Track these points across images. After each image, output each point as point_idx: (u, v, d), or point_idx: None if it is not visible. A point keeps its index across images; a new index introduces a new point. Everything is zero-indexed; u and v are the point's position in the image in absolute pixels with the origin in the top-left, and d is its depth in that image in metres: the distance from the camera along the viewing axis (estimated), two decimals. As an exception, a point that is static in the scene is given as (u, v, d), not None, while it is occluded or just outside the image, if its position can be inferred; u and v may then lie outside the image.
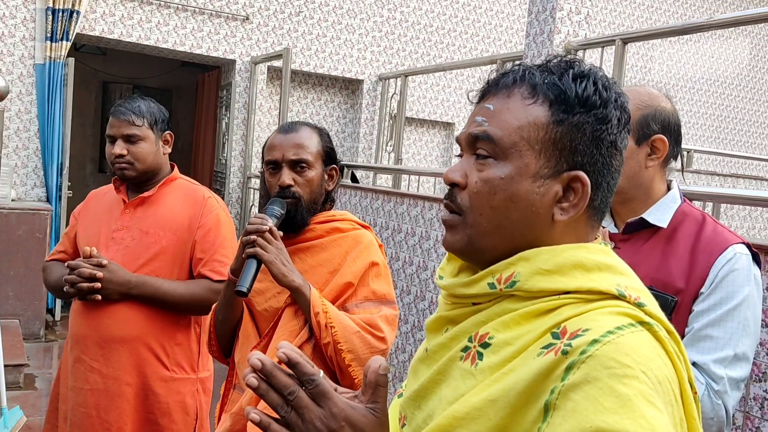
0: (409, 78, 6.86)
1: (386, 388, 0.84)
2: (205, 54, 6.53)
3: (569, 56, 0.89)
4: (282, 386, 0.75)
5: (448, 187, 0.90)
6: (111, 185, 2.30)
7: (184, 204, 2.24)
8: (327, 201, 1.83)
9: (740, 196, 2.56)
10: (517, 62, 0.92)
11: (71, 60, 5.83)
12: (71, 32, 5.85)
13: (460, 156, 0.91)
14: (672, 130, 1.50)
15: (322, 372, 0.82)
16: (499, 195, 0.83)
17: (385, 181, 6.99)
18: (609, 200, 0.88)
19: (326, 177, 1.81)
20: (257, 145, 6.76)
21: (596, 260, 0.82)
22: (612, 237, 1.47)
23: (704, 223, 1.42)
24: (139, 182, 2.24)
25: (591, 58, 4.40)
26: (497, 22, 8.01)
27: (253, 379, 0.75)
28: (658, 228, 1.43)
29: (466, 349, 0.84)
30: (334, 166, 1.82)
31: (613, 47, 4.27)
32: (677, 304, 1.36)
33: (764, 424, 1.93)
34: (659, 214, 1.44)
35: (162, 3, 6.30)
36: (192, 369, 2.22)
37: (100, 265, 2.05)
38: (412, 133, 7.76)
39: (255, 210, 6.41)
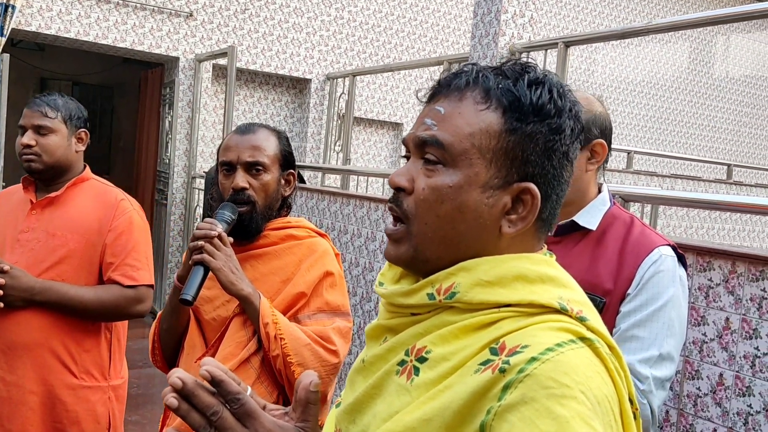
0: (358, 78, 6.84)
1: (317, 405, 0.81)
2: (147, 51, 6.37)
3: (524, 59, 0.86)
4: (204, 406, 0.72)
5: (393, 190, 0.86)
6: (20, 185, 2.20)
7: (95, 205, 2.15)
8: (283, 207, 1.78)
9: (676, 198, 2.64)
10: (471, 62, 0.89)
11: (6, 56, 5.60)
12: (6, 27, 5.61)
13: (406, 158, 0.87)
14: (608, 134, 1.53)
15: (249, 389, 0.79)
16: (447, 204, 0.80)
17: (333, 181, 6.95)
18: (557, 212, 0.86)
19: (283, 182, 1.75)
20: (202, 145, 6.63)
21: (539, 272, 0.79)
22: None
23: (632, 225, 1.44)
24: (46, 178, 2.14)
25: (535, 60, 4.46)
26: (445, 23, 8.06)
27: (172, 399, 0.71)
28: (589, 230, 1.45)
29: (402, 363, 0.80)
30: (292, 171, 1.77)
31: (556, 50, 4.33)
32: (605, 305, 1.38)
33: (698, 421, 1.98)
34: (589, 217, 1.46)
35: (102, -2, 6.12)
36: (103, 376, 2.14)
37: (1, 271, 1.96)
38: (360, 133, 7.74)
39: (200, 211, 6.28)
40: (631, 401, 0.78)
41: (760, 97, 11.61)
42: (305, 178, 6.93)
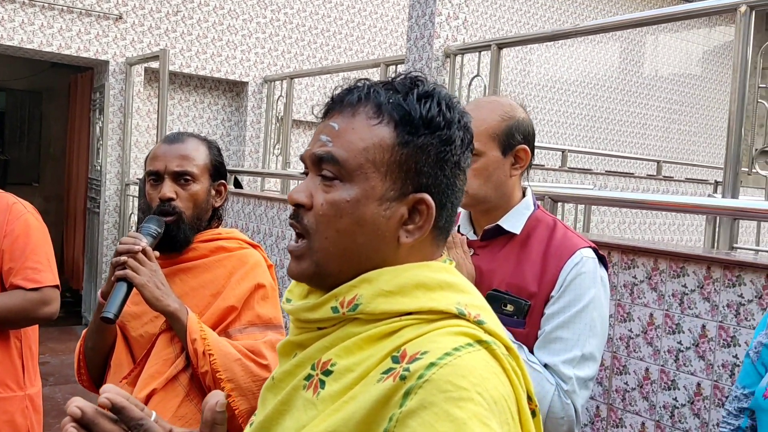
0: (296, 80, 6.78)
1: (224, 426, 0.81)
2: (75, 55, 6.16)
3: (414, 73, 0.88)
4: None
5: (293, 207, 0.87)
6: None
7: None
8: (214, 218, 1.74)
9: (603, 197, 2.71)
10: (362, 78, 0.90)
11: None
12: None
13: (306, 174, 0.89)
14: (531, 139, 1.55)
15: (154, 414, 0.78)
16: (346, 218, 0.82)
17: (273, 185, 6.87)
18: (453, 219, 0.88)
19: (213, 192, 1.71)
20: (135, 151, 6.46)
21: (438, 279, 0.82)
22: (471, 244, 1.49)
23: (555, 228, 1.47)
24: None
25: (471, 62, 4.51)
26: (382, 25, 8.08)
27: (72, 429, 0.70)
28: (514, 234, 1.47)
29: (309, 377, 0.82)
30: (223, 181, 1.74)
31: (490, 52, 4.38)
32: (530, 307, 1.40)
33: (626, 415, 2.03)
34: (513, 221, 1.48)
35: (25, 1, 5.88)
36: (18, 386, 2.07)
37: None
38: (300, 136, 7.69)
39: (134, 219, 6.12)
40: (530, 398, 0.81)
41: (688, 94, 12.07)
42: (244, 184, 6.83)
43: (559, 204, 2.79)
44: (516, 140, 1.50)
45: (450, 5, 4.68)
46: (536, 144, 1.56)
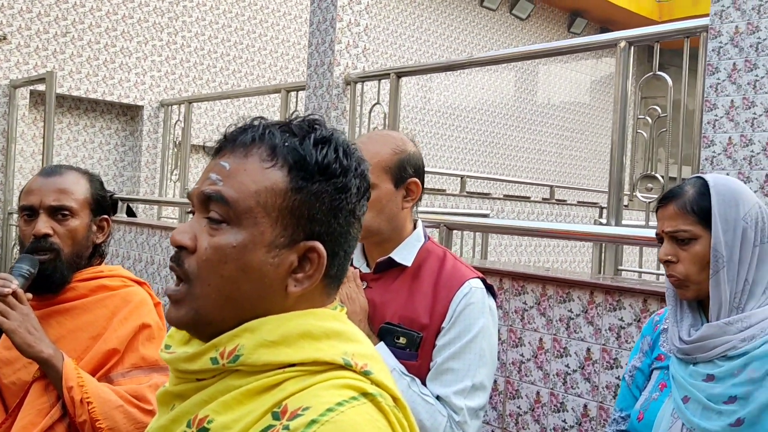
0: (194, 104, 6.63)
1: None
2: (-48, 75, 5.77)
3: (312, 116, 0.85)
4: None
5: (175, 249, 0.82)
6: None
7: None
8: (95, 255, 1.64)
9: (495, 225, 2.79)
10: (258, 117, 0.87)
11: None
12: None
13: (192, 213, 0.84)
14: (421, 172, 1.57)
15: None
16: (231, 264, 0.78)
17: (172, 212, 6.65)
18: (346, 267, 0.86)
19: (94, 228, 1.61)
20: (19, 177, 6.09)
21: (325, 328, 0.79)
22: (364, 277, 1.49)
23: (445, 259, 1.49)
24: None
25: (372, 89, 4.56)
26: (283, 50, 8.06)
27: None
28: (405, 266, 1.48)
29: None
30: (106, 216, 1.64)
31: (389, 80, 4.45)
32: (423, 339, 1.41)
33: (523, 385, 2.07)
34: (405, 253, 1.48)
35: None
36: None
37: None
38: (199, 162, 7.50)
39: (17, 250, 5.74)
40: None
41: (579, 121, 12.74)
42: (139, 212, 6.57)
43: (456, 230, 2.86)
44: (408, 173, 1.52)
45: (350, 33, 4.73)
46: (437, 170, 1.59)
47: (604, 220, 3.26)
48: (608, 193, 3.29)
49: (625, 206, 3.45)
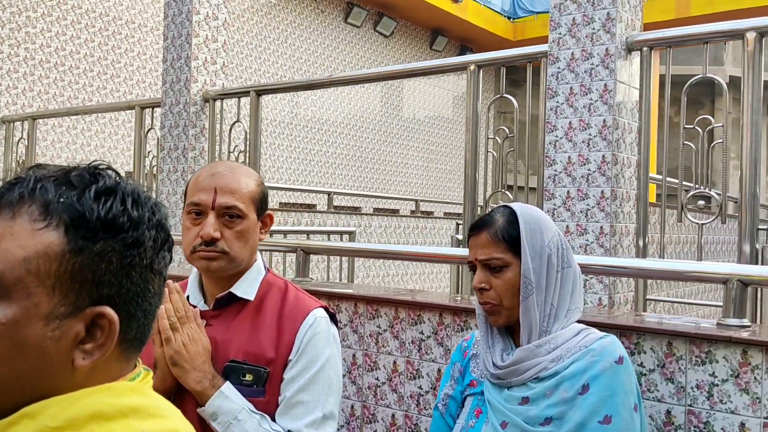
0: (40, 121, 6.18)
1: None
2: None
3: (96, 163, 0.77)
4: None
5: None
6: None
7: None
8: None
9: (349, 248, 2.81)
10: (33, 167, 0.77)
11: None
12: None
13: None
14: (267, 203, 1.55)
15: None
16: (2, 344, 0.68)
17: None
18: (149, 327, 0.78)
19: None
20: None
21: (120, 405, 0.71)
22: (203, 314, 1.43)
23: (287, 291, 1.47)
24: None
25: (231, 109, 4.46)
26: (139, 63, 7.72)
27: None
28: (247, 300, 1.44)
29: None
30: None
31: (249, 98, 4.37)
32: (269, 374, 1.38)
33: (379, 409, 2.08)
34: (246, 287, 1.45)
35: None
36: None
37: None
38: (48, 181, 7.00)
39: None
40: None
41: (442, 135, 13.19)
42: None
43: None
44: (266, 205, 1.50)
45: (207, 50, 4.60)
46: (305, 186, 1.57)
47: (460, 236, 3.37)
48: (463, 210, 3.41)
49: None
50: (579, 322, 1.47)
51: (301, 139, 10.14)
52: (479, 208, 3.46)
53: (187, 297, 1.48)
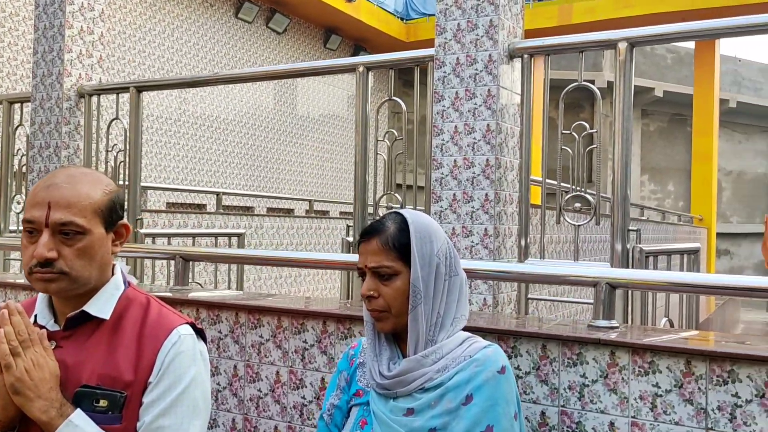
0: None
1: None
2: None
3: None
4: None
5: None
6: None
7: None
8: None
9: (231, 255, 2.71)
10: None
11: None
12: None
13: None
14: (124, 213, 1.44)
15: None
16: None
17: None
18: None
19: None
20: None
21: None
22: (52, 336, 1.32)
23: (149, 307, 1.38)
24: None
25: (112, 105, 4.20)
26: (11, 54, 7.17)
27: None
28: (103, 319, 1.33)
29: None
30: None
31: (129, 94, 4.14)
32: (127, 398, 1.28)
33: (261, 421, 2.02)
34: (101, 305, 1.34)
35: None
36: None
37: None
38: None
39: None
40: None
41: (337, 135, 13.16)
42: None
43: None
44: (118, 215, 1.39)
45: (82, 42, 4.33)
46: (193, 186, 1.46)
47: (351, 238, 3.36)
48: (353, 211, 3.39)
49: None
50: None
51: (189, 137, 9.78)
52: (370, 209, 3.46)
53: (35, 316, 1.36)
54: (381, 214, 3.56)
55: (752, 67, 20.29)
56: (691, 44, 15.51)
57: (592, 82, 3.02)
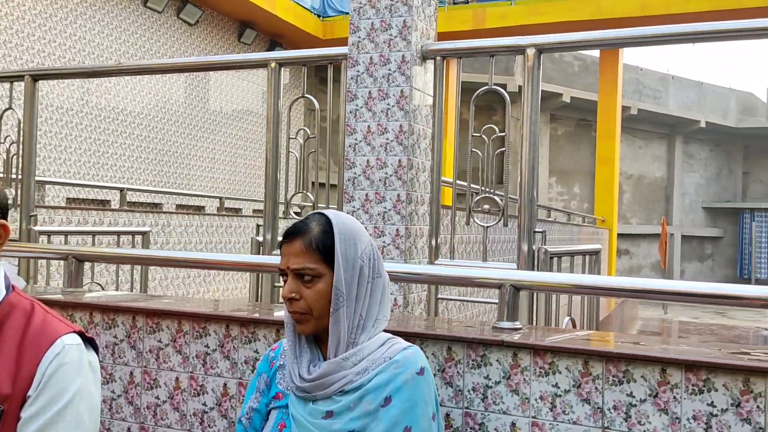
0: None
1: None
2: None
3: None
4: None
5: None
6: None
7: None
8: None
9: (160, 258, 2.59)
10: None
11: None
12: None
13: None
14: (6, 211, 1.33)
15: None
16: None
17: None
18: None
19: None
20: None
21: None
22: None
23: (33, 314, 1.28)
24: None
25: (6, 95, 3.93)
26: None
27: None
28: None
29: None
30: None
31: (23, 83, 3.89)
32: (4, 413, 1.18)
33: (159, 429, 1.93)
34: None
35: None
36: None
37: None
38: None
39: None
40: None
41: (251, 131, 12.91)
42: None
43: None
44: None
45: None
46: (95, 181, 1.34)
47: (260, 238, 3.28)
48: (264, 211, 3.31)
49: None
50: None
51: (92, 130, 9.33)
52: (281, 208, 3.39)
53: None
54: (293, 213, 3.50)
55: (653, 76, 21.47)
56: (596, 53, 16.21)
57: (504, 86, 3.07)
